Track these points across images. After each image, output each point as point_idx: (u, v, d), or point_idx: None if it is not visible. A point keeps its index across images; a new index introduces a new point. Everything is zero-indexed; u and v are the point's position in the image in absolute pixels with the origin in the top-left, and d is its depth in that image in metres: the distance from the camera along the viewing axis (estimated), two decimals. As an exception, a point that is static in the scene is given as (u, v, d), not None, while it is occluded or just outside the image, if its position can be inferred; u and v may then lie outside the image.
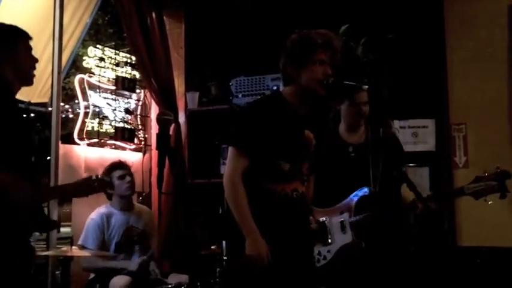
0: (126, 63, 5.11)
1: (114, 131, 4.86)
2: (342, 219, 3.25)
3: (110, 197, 4.17)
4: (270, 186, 2.67)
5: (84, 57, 4.85)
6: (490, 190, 3.05)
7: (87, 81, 4.71)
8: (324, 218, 3.29)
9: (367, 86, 2.77)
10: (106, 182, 2.82)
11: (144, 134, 5.28)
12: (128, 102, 5.14)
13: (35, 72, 2.58)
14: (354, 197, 3.28)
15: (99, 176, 2.67)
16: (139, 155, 5.18)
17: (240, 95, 4.99)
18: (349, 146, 3.43)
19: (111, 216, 4.10)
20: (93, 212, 4.12)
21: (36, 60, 2.63)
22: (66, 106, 4.96)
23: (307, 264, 2.79)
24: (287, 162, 2.68)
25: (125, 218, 4.15)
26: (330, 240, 3.23)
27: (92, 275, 4.03)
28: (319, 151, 2.84)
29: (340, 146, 3.43)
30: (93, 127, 4.71)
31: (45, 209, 3.86)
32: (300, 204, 2.74)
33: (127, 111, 5.04)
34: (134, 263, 3.92)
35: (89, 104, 4.68)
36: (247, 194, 2.62)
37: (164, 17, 5.24)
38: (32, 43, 2.60)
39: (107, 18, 6.15)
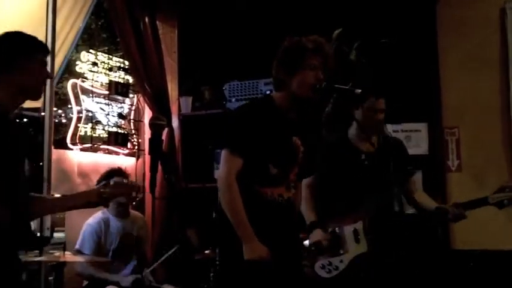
0: (119, 68, 5.10)
1: (107, 135, 4.84)
2: (355, 228, 3.20)
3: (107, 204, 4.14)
4: (259, 189, 2.67)
5: (77, 62, 4.84)
6: None
7: (80, 86, 4.70)
8: (335, 228, 3.23)
9: (359, 90, 2.77)
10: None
11: (138, 139, 5.27)
12: (121, 107, 5.13)
13: None
14: (368, 205, 3.20)
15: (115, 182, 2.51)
16: (133, 159, 5.17)
17: (233, 100, 4.99)
18: (361, 154, 3.33)
19: (108, 222, 4.08)
20: (91, 217, 4.10)
21: (48, 76, 2.46)
22: (59, 111, 4.93)
23: (292, 271, 2.77)
24: (275, 166, 2.69)
25: (121, 224, 4.13)
26: (341, 251, 3.17)
27: (86, 282, 4.02)
28: (310, 157, 2.84)
29: (353, 153, 3.35)
30: (86, 132, 4.70)
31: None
32: (285, 209, 2.74)
33: (120, 116, 5.03)
34: (127, 280, 3.90)
35: (82, 109, 4.67)
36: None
37: (157, 22, 5.25)
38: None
39: (100, 23, 6.13)
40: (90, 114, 4.73)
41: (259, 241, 2.58)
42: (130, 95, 5.20)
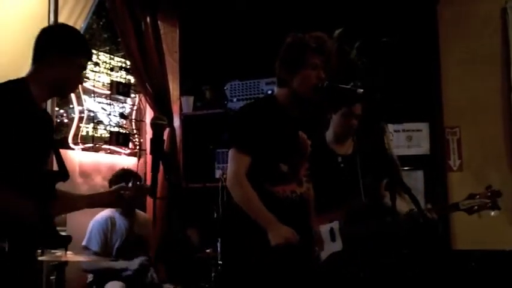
0: (120, 68, 5.11)
1: (108, 135, 4.85)
2: (331, 227, 3.21)
3: None
4: (271, 188, 2.67)
5: (78, 62, 4.84)
6: (482, 207, 3.14)
7: (82, 86, 4.69)
8: None
9: (361, 90, 2.77)
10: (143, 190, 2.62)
11: (139, 139, 5.28)
12: (123, 107, 5.14)
13: None
14: (345, 206, 3.23)
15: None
16: (134, 159, 5.18)
17: (234, 99, 4.99)
18: (338, 157, 3.39)
19: (115, 220, 4.12)
20: (98, 215, 4.14)
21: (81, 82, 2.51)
22: (61, 111, 4.94)
23: (307, 265, 2.77)
24: (285, 163, 2.69)
25: (127, 223, 4.16)
26: (317, 248, 3.18)
27: (90, 278, 4.03)
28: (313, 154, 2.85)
29: (329, 156, 3.39)
30: (87, 132, 4.70)
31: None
32: (299, 205, 2.73)
33: (122, 115, 5.04)
34: (134, 263, 3.93)
35: (83, 109, 4.67)
36: None
37: (158, 22, 5.25)
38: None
39: (101, 23, 6.13)
40: (91, 114, 4.74)
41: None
42: (132, 95, 5.20)
